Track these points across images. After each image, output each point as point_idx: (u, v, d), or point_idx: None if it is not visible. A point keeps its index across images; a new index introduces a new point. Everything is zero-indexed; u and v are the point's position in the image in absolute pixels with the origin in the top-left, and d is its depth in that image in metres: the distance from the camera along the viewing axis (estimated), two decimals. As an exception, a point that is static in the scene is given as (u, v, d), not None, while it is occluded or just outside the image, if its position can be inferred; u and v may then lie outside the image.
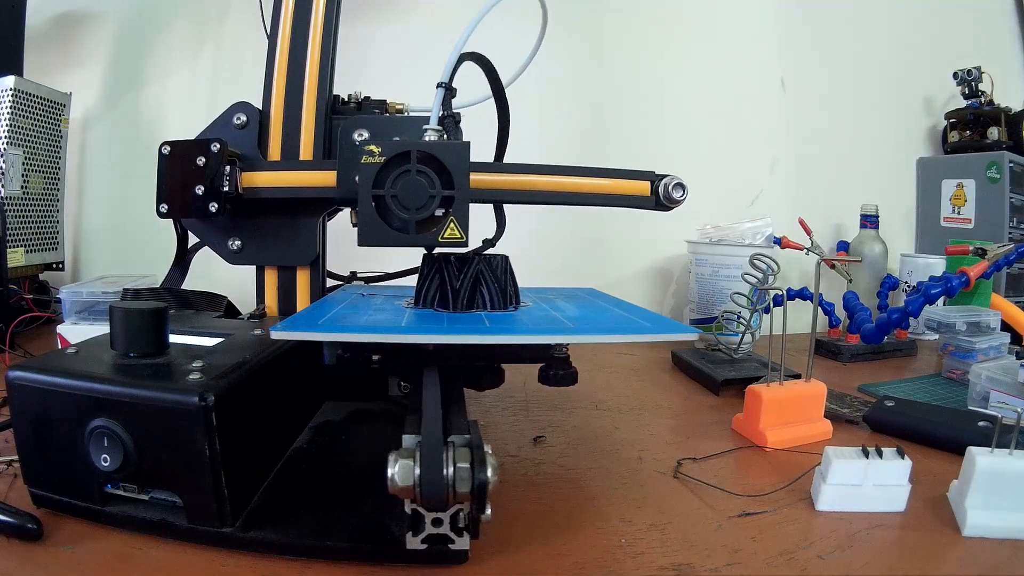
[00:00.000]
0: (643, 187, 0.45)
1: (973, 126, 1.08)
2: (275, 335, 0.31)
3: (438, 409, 0.30)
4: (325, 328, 0.35)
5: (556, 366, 0.44)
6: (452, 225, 0.39)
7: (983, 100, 1.07)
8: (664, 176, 0.44)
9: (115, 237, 0.94)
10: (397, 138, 0.43)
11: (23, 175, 0.78)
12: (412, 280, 0.47)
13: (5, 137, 0.75)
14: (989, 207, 1.03)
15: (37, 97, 0.80)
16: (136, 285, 0.50)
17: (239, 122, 0.48)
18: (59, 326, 0.66)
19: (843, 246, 1.01)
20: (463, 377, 0.43)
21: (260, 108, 0.49)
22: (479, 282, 0.42)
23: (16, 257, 0.75)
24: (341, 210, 0.59)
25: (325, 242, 0.52)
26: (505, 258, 0.43)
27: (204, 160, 0.44)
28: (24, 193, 0.78)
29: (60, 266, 0.86)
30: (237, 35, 0.92)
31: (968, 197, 1.06)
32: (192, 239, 0.52)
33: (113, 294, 0.69)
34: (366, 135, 0.46)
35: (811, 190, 1.07)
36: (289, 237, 0.49)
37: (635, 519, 0.37)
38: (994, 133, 1.04)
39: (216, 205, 0.44)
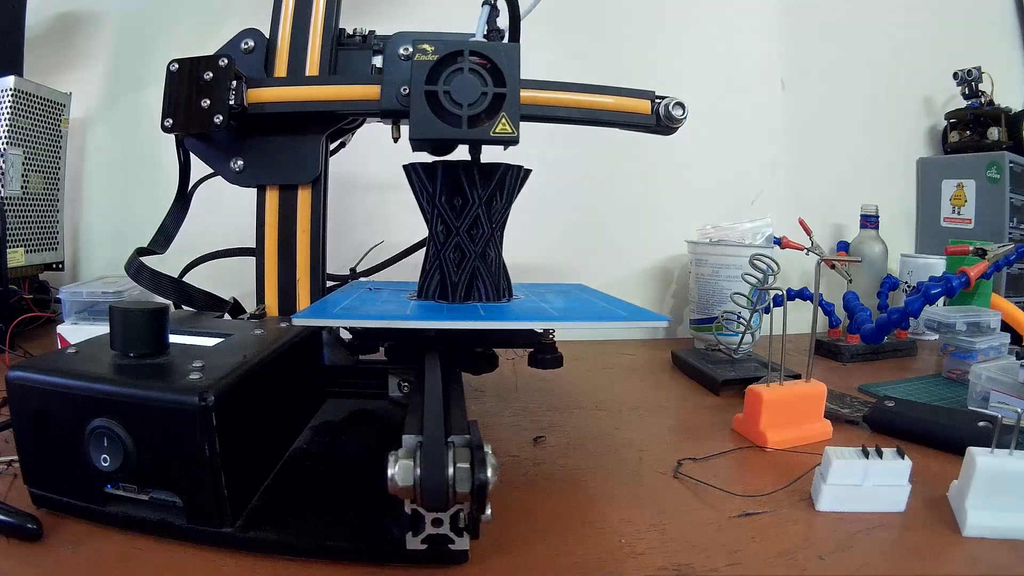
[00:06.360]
0: (643, 106, 0.45)
1: (973, 126, 1.08)
2: (297, 322, 0.36)
3: (439, 409, 0.30)
4: (342, 315, 0.39)
5: (544, 351, 0.48)
6: (504, 121, 0.40)
7: (983, 100, 1.07)
8: (664, 96, 0.45)
9: (115, 237, 0.94)
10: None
11: (23, 175, 0.78)
12: (415, 276, 0.48)
13: (5, 137, 0.75)
14: (989, 207, 1.03)
15: (37, 97, 0.80)
16: (145, 259, 0.49)
17: (246, 47, 0.49)
18: (59, 326, 0.66)
19: (843, 246, 1.01)
20: (461, 363, 0.47)
21: (267, 37, 0.50)
22: (475, 277, 0.45)
23: (16, 257, 0.75)
24: (346, 138, 0.60)
25: (327, 165, 0.52)
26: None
27: (211, 75, 0.44)
28: (24, 193, 0.78)
29: (60, 266, 0.86)
30: (237, 35, 0.92)
31: (968, 197, 1.06)
32: (192, 189, 0.52)
33: (113, 294, 0.69)
34: (411, 49, 0.45)
35: (811, 190, 1.07)
36: (291, 156, 0.49)
37: (635, 519, 0.37)
38: (994, 133, 1.04)
39: (221, 117, 0.44)
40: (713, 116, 1.02)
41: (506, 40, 0.47)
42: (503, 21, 0.48)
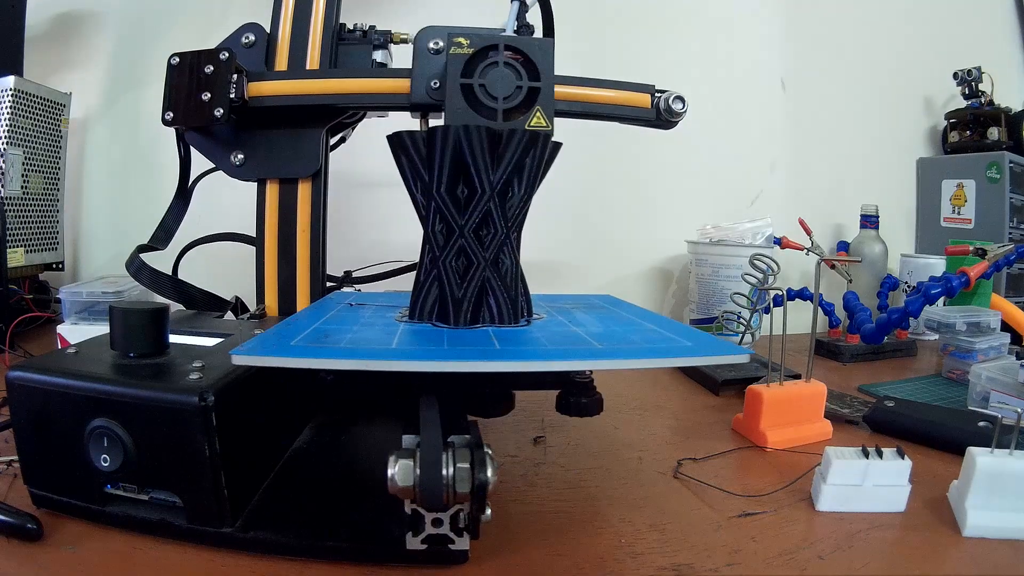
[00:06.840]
0: (643, 99, 0.46)
1: (973, 126, 1.08)
2: (236, 360, 0.27)
3: (438, 409, 0.30)
4: (298, 352, 0.29)
5: (577, 392, 0.39)
6: (539, 114, 0.40)
7: (983, 100, 1.07)
8: (664, 90, 0.45)
9: (115, 237, 0.94)
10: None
11: (23, 175, 0.78)
12: (410, 281, 0.45)
13: (5, 137, 0.75)
14: (989, 207, 1.03)
15: (37, 97, 0.80)
16: (145, 256, 0.49)
17: (247, 41, 0.50)
18: (59, 326, 0.66)
19: (843, 246, 1.01)
20: (467, 406, 0.37)
21: (268, 32, 0.50)
22: (485, 292, 0.37)
23: (16, 257, 0.75)
24: (346, 132, 0.60)
25: (328, 160, 0.52)
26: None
27: (212, 68, 0.45)
28: (24, 193, 0.78)
29: (60, 266, 0.86)
30: (237, 35, 0.92)
31: (968, 197, 1.06)
32: (193, 184, 0.52)
33: (113, 294, 0.69)
34: (441, 44, 0.45)
35: (811, 190, 1.07)
36: (292, 149, 0.49)
37: (635, 519, 0.37)
38: (994, 133, 1.04)
39: (222, 110, 0.44)
40: (713, 116, 1.02)
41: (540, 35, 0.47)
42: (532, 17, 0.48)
